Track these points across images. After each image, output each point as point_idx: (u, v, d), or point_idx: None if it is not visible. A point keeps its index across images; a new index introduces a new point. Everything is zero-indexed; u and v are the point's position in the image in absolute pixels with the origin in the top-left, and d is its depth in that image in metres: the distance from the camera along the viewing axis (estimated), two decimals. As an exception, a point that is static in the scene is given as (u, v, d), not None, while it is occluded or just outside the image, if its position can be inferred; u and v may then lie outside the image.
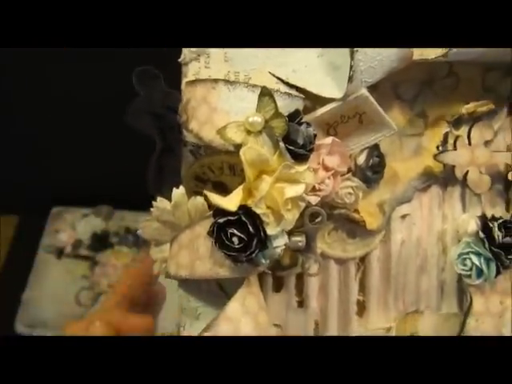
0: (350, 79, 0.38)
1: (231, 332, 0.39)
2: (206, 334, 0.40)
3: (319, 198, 0.41)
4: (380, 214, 0.44)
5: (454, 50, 0.38)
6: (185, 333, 0.43)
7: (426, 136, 0.44)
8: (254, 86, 0.39)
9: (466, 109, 0.42)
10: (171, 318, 0.45)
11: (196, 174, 0.40)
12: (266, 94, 0.37)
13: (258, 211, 0.37)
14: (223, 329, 0.39)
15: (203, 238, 0.39)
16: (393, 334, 0.45)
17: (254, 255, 0.38)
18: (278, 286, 0.46)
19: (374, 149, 0.43)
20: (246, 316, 0.40)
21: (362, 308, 0.46)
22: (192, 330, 0.43)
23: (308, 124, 0.39)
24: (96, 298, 0.90)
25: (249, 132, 0.38)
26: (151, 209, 0.42)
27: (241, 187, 0.38)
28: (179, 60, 0.42)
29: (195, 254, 0.40)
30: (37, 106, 0.80)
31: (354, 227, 0.45)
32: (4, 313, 0.90)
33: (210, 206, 0.41)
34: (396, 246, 0.45)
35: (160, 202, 0.42)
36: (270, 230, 0.38)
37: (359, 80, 0.39)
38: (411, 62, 0.40)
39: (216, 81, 0.39)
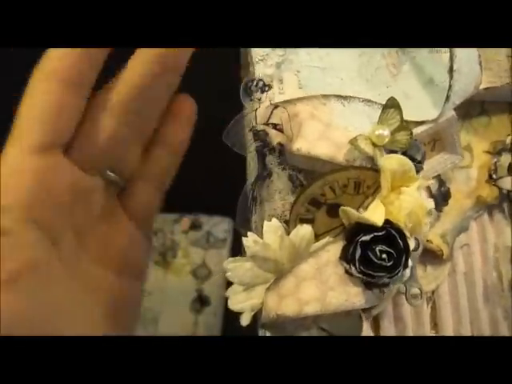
0: (448, 99, 0.39)
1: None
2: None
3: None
4: (445, 245, 0.44)
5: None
6: None
7: (474, 168, 0.46)
8: (369, 100, 0.37)
9: (510, 139, 0.46)
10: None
11: (313, 196, 0.35)
12: (391, 105, 0.36)
13: (403, 224, 0.34)
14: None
15: (333, 265, 0.35)
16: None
17: (399, 274, 0.34)
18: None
19: (440, 178, 0.44)
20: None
21: (435, 346, 0.44)
22: None
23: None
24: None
25: (374, 145, 0.36)
26: (244, 245, 0.36)
27: (379, 201, 0.35)
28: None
29: (325, 285, 0.35)
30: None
31: (424, 260, 0.44)
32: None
33: (317, 234, 0.37)
34: (461, 277, 0.45)
35: (253, 237, 0.36)
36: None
37: (452, 101, 0.40)
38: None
39: (326, 96, 0.37)
